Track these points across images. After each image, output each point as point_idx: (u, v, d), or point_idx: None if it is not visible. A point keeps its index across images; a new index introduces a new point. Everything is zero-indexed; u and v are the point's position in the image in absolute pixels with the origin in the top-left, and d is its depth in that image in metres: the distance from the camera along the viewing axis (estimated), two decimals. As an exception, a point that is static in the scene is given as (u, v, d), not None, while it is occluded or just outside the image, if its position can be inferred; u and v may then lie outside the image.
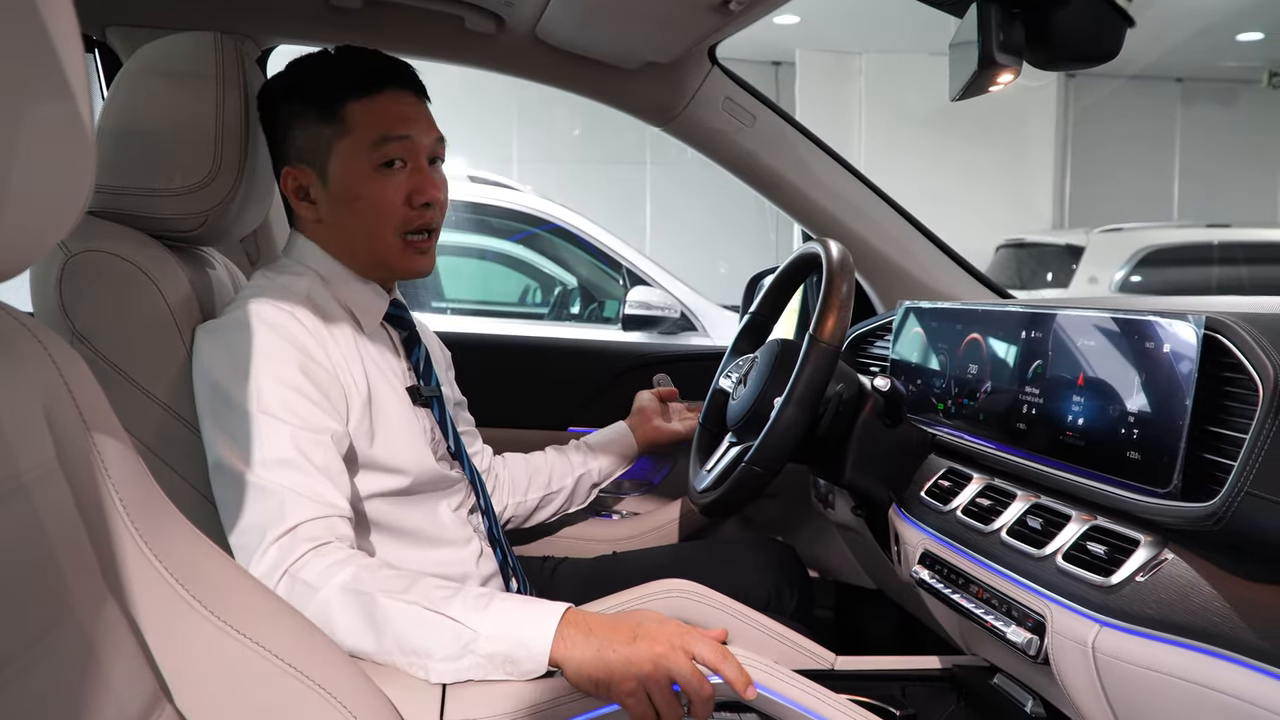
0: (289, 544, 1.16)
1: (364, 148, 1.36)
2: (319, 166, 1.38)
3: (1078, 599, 1.08)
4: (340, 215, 1.39)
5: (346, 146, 1.36)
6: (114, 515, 0.79)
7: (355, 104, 1.36)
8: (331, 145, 1.37)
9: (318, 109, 1.37)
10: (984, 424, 1.37)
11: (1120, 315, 1.11)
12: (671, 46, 1.77)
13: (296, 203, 1.41)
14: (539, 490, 1.82)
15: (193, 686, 0.82)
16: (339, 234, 1.41)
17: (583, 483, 1.88)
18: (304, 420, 1.24)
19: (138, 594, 0.80)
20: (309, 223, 1.43)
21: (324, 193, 1.39)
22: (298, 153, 1.39)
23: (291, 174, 1.40)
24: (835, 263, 1.50)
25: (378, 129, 1.36)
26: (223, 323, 1.31)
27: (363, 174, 1.37)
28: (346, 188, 1.38)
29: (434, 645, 1.09)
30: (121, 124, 1.34)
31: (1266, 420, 0.90)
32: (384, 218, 1.38)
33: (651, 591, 1.45)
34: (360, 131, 1.36)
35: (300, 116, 1.38)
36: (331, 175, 1.38)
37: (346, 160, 1.37)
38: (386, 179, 1.37)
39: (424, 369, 1.50)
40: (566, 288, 5.53)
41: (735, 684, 1.06)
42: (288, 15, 1.81)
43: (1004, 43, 1.19)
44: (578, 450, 1.90)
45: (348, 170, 1.37)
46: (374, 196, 1.37)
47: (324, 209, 1.40)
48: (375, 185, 1.37)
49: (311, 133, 1.38)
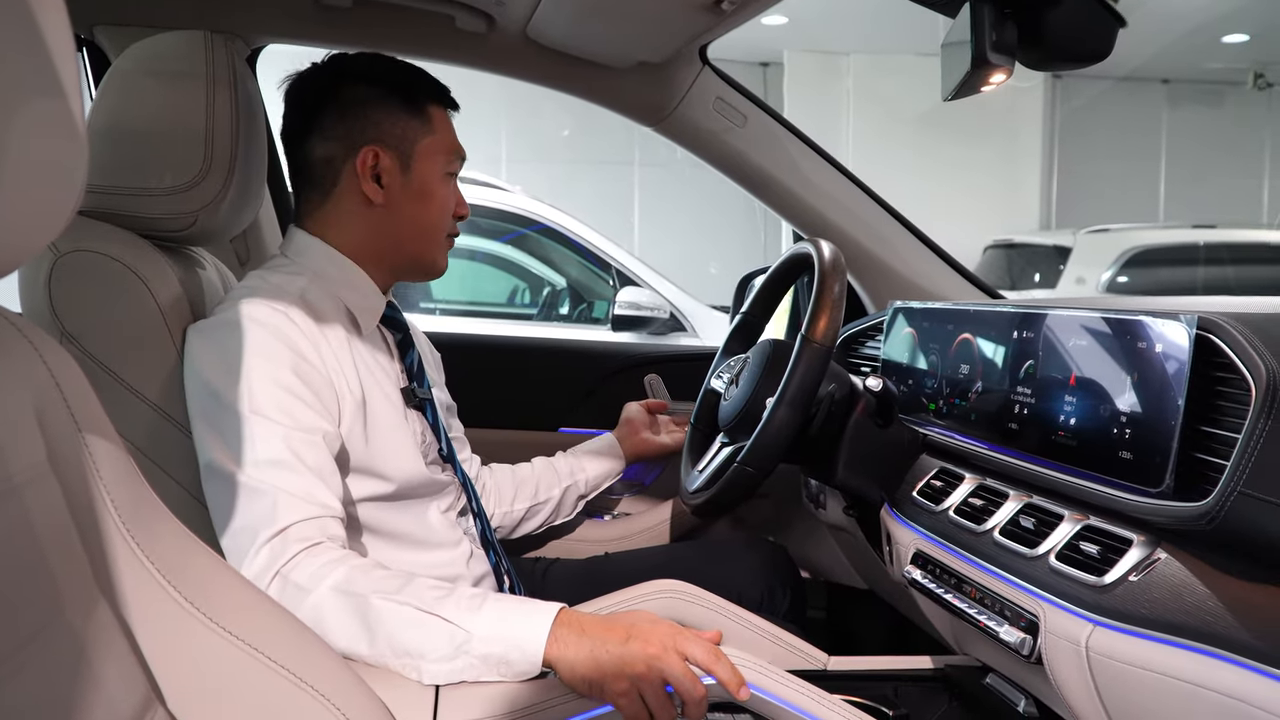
0: (280, 545, 1.16)
1: (444, 153, 1.45)
2: (404, 155, 1.41)
3: (1071, 598, 1.09)
4: (409, 204, 1.42)
5: (431, 146, 1.43)
6: (105, 517, 0.79)
7: (437, 110, 1.45)
8: (418, 140, 1.42)
9: (404, 100, 1.42)
10: (975, 424, 1.37)
11: (1112, 315, 1.11)
12: (663, 46, 1.77)
13: (365, 181, 1.40)
14: (525, 501, 1.81)
15: (184, 688, 0.82)
16: (394, 222, 1.42)
17: (569, 494, 1.87)
18: (296, 421, 1.23)
19: (130, 596, 0.80)
20: (357, 205, 1.41)
21: (400, 180, 1.41)
22: (384, 135, 1.40)
23: (375, 152, 1.40)
24: (827, 263, 1.50)
25: (452, 140, 1.47)
26: (215, 322, 1.31)
27: (439, 176, 1.45)
28: (425, 183, 1.43)
29: (427, 646, 1.09)
30: (111, 123, 1.33)
31: (1259, 420, 0.90)
32: (443, 220, 1.47)
33: (644, 592, 1.45)
34: (442, 137, 1.45)
35: (385, 101, 1.41)
36: (415, 168, 1.42)
37: (430, 159, 1.43)
38: (449, 187, 1.47)
39: (417, 372, 1.49)
40: (555, 288, 5.53)
41: (728, 685, 1.06)
42: (277, 14, 1.80)
43: (997, 43, 1.19)
44: (565, 461, 1.90)
45: (430, 168, 1.44)
46: (443, 198, 1.46)
47: (393, 195, 1.41)
48: (445, 188, 1.46)
49: (397, 120, 1.41)
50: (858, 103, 10.51)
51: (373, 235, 1.42)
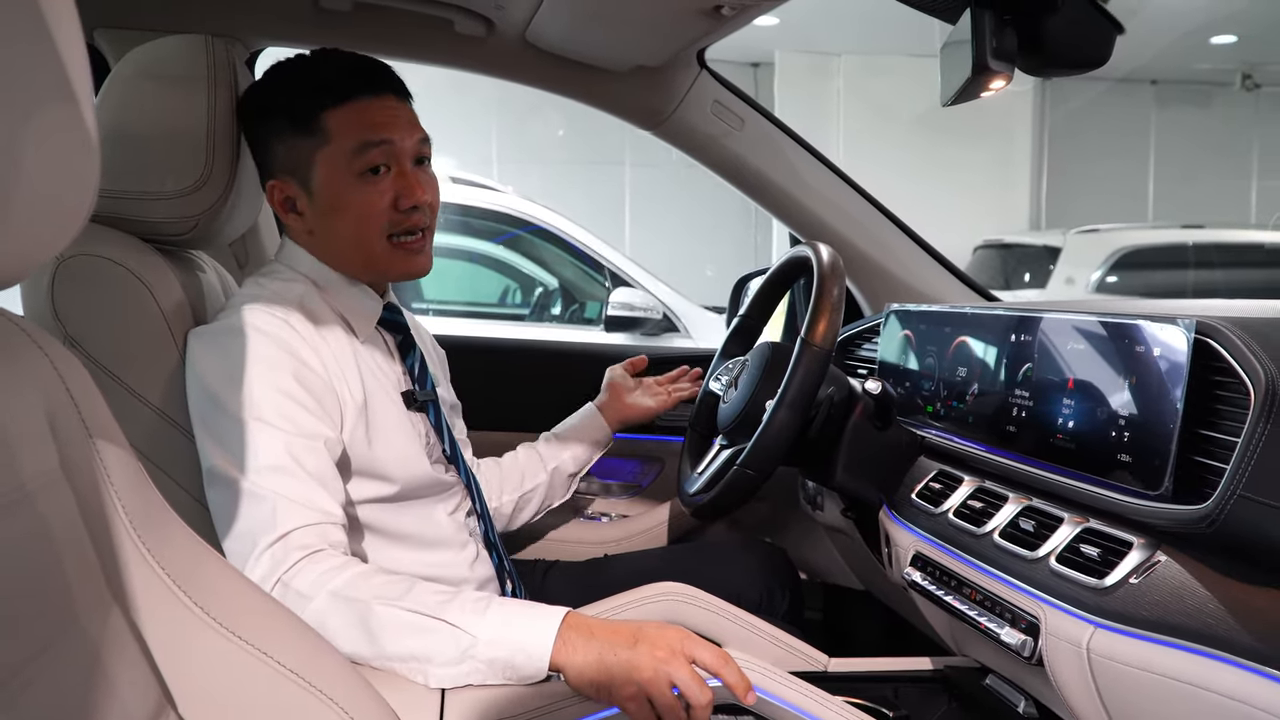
0: (281, 551, 1.16)
1: (344, 156, 1.34)
2: (302, 178, 1.37)
3: (1072, 601, 1.09)
4: (328, 225, 1.38)
5: (327, 156, 1.35)
6: (116, 522, 0.79)
7: (332, 112, 1.34)
8: (312, 157, 1.35)
9: (294, 121, 1.35)
10: (974, 426, 1.38)
11: (1110, 319, 1.12)
12: (661, 50, 1.77)
13: (285, 214, 1.40)
14: (513, 492, 1.79)
15: (196, 693, 0.82)
16: (329, 243, 1.40)
17: (558, 476, 1.83)
18: (297, 426, 1.23)
19: (141, 601, 0.80)
20: (299, 232, 1.42)
21: (310, 204, 1.38)
22: (280, 165, 1.38)
23: (277, 187, 1.39)
24: (826, 266, 1.51)
25: (356, 136, 1.34)
26: (217, 328, 1.31)
27: (346, 183, 1.35)
28: (331, 198, 1.36)
29: (433, 651, 1.09)
30: (112, 127, 1.33)
31: (1258, 424, 0.91)
32: (370, 224, 1.37)
33: (646, 595, 1.45)
34: (340, 140, 1.34)
35: (280, 130, 1.37)
36: (315, 186, 1.36)
37: (328, 170, 1.35)
38: (370, 185, 1.35)
39: (419, 373, 1.49)
40: (547, 289, 5.53)
41: (735, 688, 1.06)
42: (276, 18, 1.80)
43: (997, 50, 1.20)
44: (547, 443, 1.86)
45: (331, 180, 1.35)
46: (359, 204, 1.36)
47: (312, 219, 1.39)
48: (359, 193, 1.35)
49: (291, 145, 1.36)
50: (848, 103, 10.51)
51: (323, 253, 1.41)
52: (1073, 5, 1.20)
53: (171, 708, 0.81)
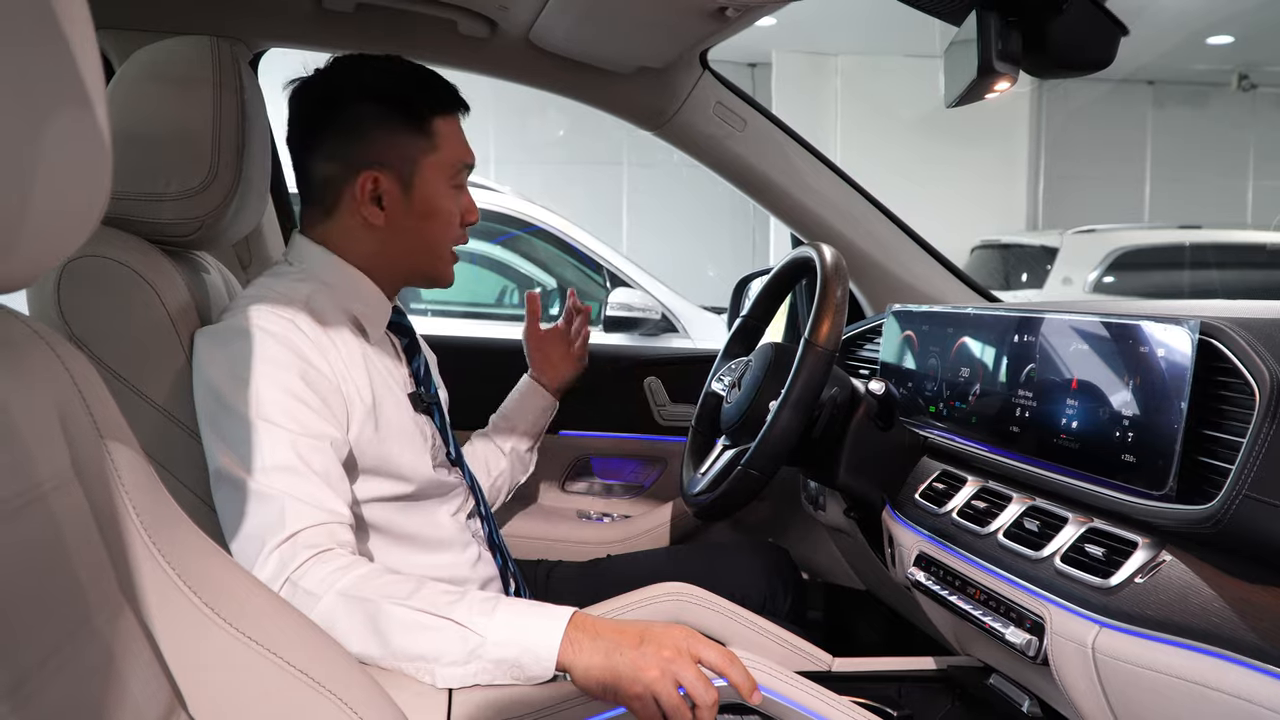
0: (290, 551, 1.16)
1: (448, 166, 1.41)
2: (404, 176, 1.39)
3: (1077, 600, 1.10)
4: (412, 225, 1.41)
5: (435, 163, 1.40)
6: (128, 523, 0.79)
7: (441, 121, 1.41)
8: (420, 159, 1.39)
9: (404, 116, 1.39)
10: (977, 426, 1.38)
11: (1112, 320, 1.12)
12: (665, 51, 1.77)
13: (364, 204, 1.38)
14: (484, 481, 1.80)
15: (207, 693, 0.82)
16: (399, 240, 1.41)
17: (515, 455, 1.87)
18: (304, 427, 1.24)
19: (152, 602, 0.80)
20: (357, 227, 1.40)
21: (402, 202, 1.39)
22: (378, 155, 1.38)
23: (374, 176, 1.38)
24: (829, 267, 1.52)
25: (459, 150, 1.43)
26: (223, 328, 1.31)
27: (443, 190, 1.42)
28: (429, 201, 1.41)
29: (440, 650, 1.09)
30: (118, 129, 1.32)
31: (1264, 425, 0.91)
32: (449, 232, 1.44)
33: (651, 595, 1.46)
34: (446, 150, 1.41)
35: (386, 119, 1.38)
36: (417, 187, 1.40)
37: (433, 175, 1.40)
38: (456, 198, 1.44)
39: (424, 375, 1.50)
40: (546, 289, 5.53)
41: (741, 688, 1.07)
42: (280, 18, 1.80)
43: (1002, 52, 1.21)
44: (497, 428, 1.89)
45: (433, 185, 1.41)
46: (449, 213, 1.43)
47: (395, 215, 1.39)
48: (449, 202, 1.43)
49: (399, 141, 1.38)
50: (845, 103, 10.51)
51: (376, 251, 1.42)
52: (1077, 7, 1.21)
53: (182, 707, 0.81)
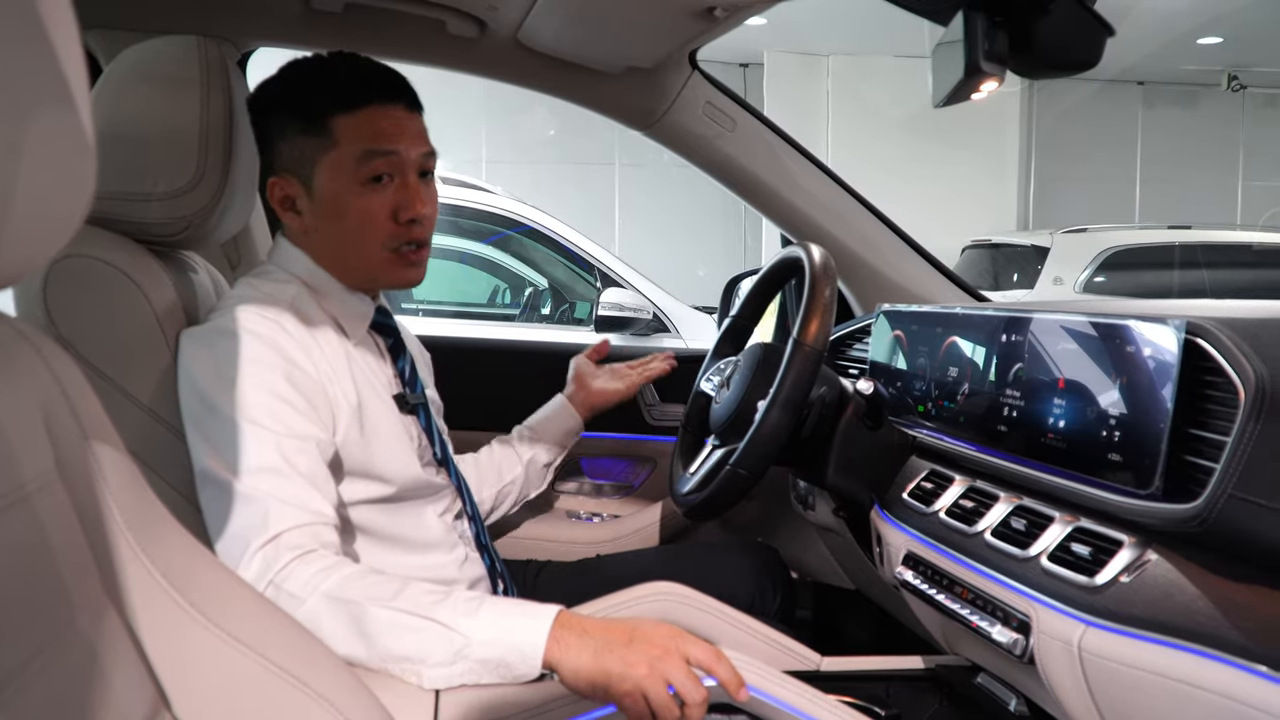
0: (273, 552, 1.15)
1: (349, 162, 1.34)
2: (305, 178, 1.37)
3: (1063, 599, 1.10)
4: (326, 228, 1.39)
5: (332, 160, 1.35)
6: (112, 524, 0.79)
7: (341, 117, 1.35)
8: (317, 158, 1.35)
9: (303, 121, 1.36)
10: (965, 426, 1.38)
11: (1100, 319, 1.12)
12: (654, 51, 1.77)
13: (283, 213, 1.40)
14: (491, 487, 1.80)
15: (191, 695, 0.82)
16: (326, 245, 1.40)
17: (533, 467, 1.85)
18: (289, 428, 1.23)
19: (137, 603, 0.80)
20: (295, 232, 1.42)
21: (310, 205, 1.38)
22: (284, 163, 1.38)
23: (278, 184, 1.39)
24: (818, 267, 1.52)
25: (363, 144, 1.34)
26: (209, 329, 1.31)
27: (349, 188, 1.35)
28: (332, 202, 1.36)
29: (426, 651, 1.09)
30: (104, 128, 1.32)
31: (1248, 424, 0.91)
32: (370, 233, 1.37)
33: (639, 595, 1.45)
34: (346, 145, 1.34)
35: (286, 127, 1.37)
36: (317, 188, 1.37)
37: (332, 174, 1.35)
38: (372, 194, 1.36)
39: (410, 376, 1.50)
40: (537, 289, 5.52)
41: (729, 686, 1.06)
42: (268, 18, 1.79)
43: (989, 52, 1.21)
44: (521, 437, 1.87)
45: (334, 184, 1.36)
46: (360, 212, 1.36)
47: (310, 220, 1.39)
48: (361, 200, 1.36)
49: (297, 144, 1.36)
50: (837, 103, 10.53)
51: (319, 255, 1.41)
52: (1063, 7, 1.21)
53: (166, 708, 0.80)
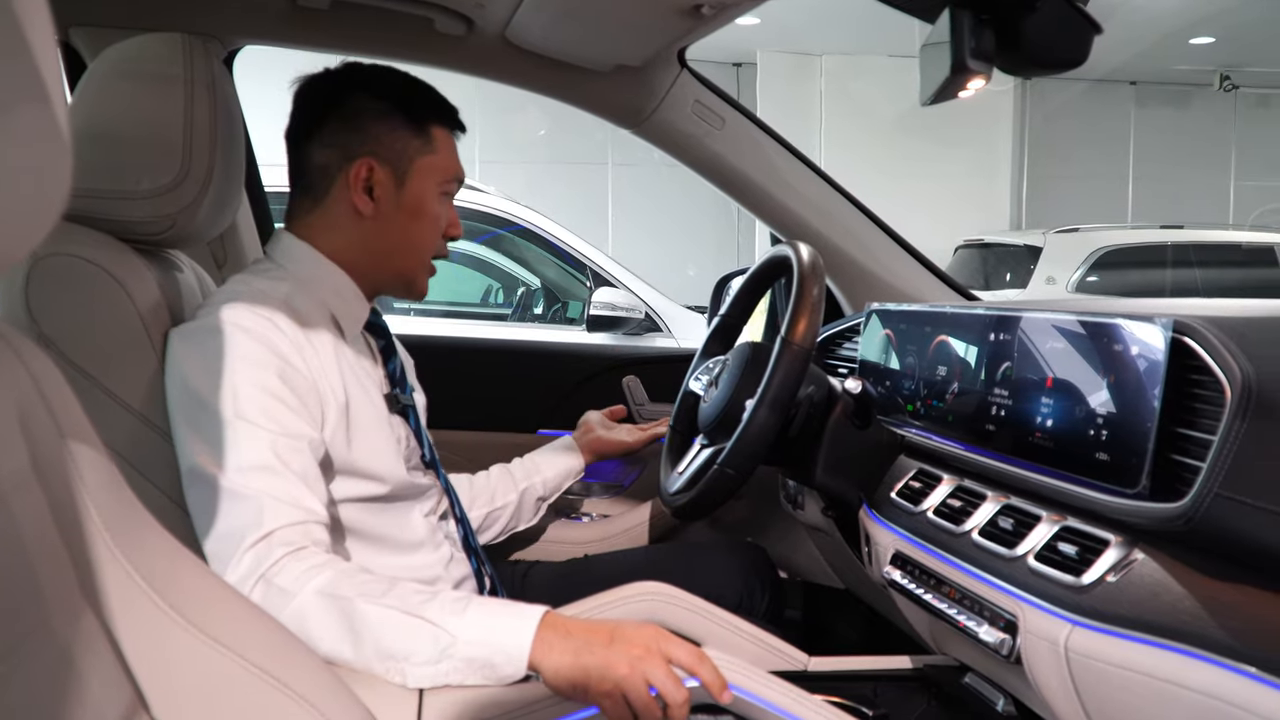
0: (265, 549, 1.15)
1: (441, 173, 1.45)
2: (399, 169, 1.41)
3: (1049, 599, 1.10)
4: (398, 221, 1.42)
5: (429, 164, 1.43)
6: (90, 524, 0.78)
7: (440, 130, 1.45)
8: (416, 157, 1.42)
9: (408, 117, 1.42)
10: (953, 425, 1.38)
11: (1088, 318, 1.12)
12: (642, 49, 1.77)
13: (355, 193, 1.40)
14: (482, 508, 1.79)
15: (170, 696, 0.81)
16: (383, 236, 1.42)
17: (527, 497, 1.85)
18: (281, 426, 1.23)
19: (114, 604, 0.79)
20: (346, 215, 1.41)
21: (393, 195, 1.41)
22: (380, 147, 1.40)
23: (370, 164, 1.39)
24: (806, 265, 1.51)
25: (453, 164, 1.47)
26: (198, 327, 1.30)
27: (433, 194, 1.44)
28: (419, 201, 1.43)
29: (412, 649, 1.08)
30: (88, 126, 1.32)
31: (1234, 422, 0.91)
32: (432, 238, 1.46)
33: (624, 595, 1.45)
34: (442, 157, 1.45)
35: (388, 116, 1.41)
36: (409, 184, 1.42)
37: (425, 177, 1.43)
38: (443, 207, 1.47)
39: (400, 377, 1.49)
40: (530, 289, 5.52)
41: (711, 687, 1.06)
42: (255, 16, 1.79)
43: (975, 49, 1.20)
44: (521, 466, 1.88)
45: (425, 186, 1.43)
46: (434, 218, 1.45)
47: (384, 209, 1.41)
48: (437, 208, 1.45)
49: (401, 136, 1.41)
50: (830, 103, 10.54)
51: (359, 246, 1.42)
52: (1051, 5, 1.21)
53: (144, 710, 0.80)
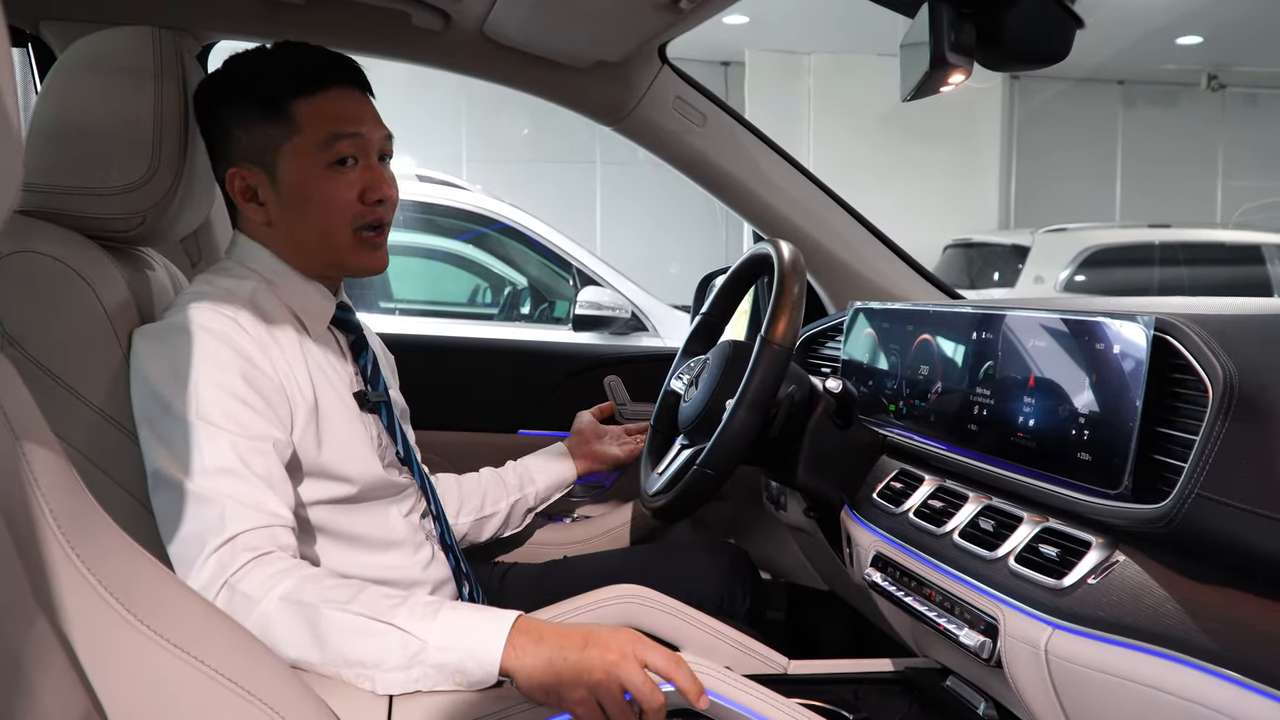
0: (229, 554, 1.13)
1: (314, 146, 1.33)
2: (267, 166, 1.34)
3: (1030, 601, 1.08)
4: (292, 216, 1.36)
5: (296, 146, 1.33)
6: (44, 527, 0.76)
7: (302, 101, 1.33)
8: (280, 145, 1.33)
9: (263, 107, 1.33)
10: (935, 425, 1.37)
11: (1070, 316, 1.11)
12: (621, 44, 1.75)
13: (244, 204, 1.37)
14: (471, 515, 1.77)
15: (126, 703, 0.79)
16: (290, 235, 1.37)
17: (518, 508, 1.83)
18: (244, 428, 1.21)
19: (69, 608, 0.77)
20: (257, 224, 1.38)
21: (274, 194, 1.35)
22: (243, 153, 1.35)
23: (239, 175, 1.35)
24: (786, 263, 1.50)
25: (328, 127, 1.33)
26: (162, 327, 1.28)
27: (314, 173, 1.34)
28: (298, 188, 1.34)
29: (381, 656, 1.06)
30: (56, 120, 1.30)
31: (1216, 422, 0.90)
32: (337, 216, 1.35)
33: (602, 598, 1.43)
34: (310, 130, 1.33)
35: (244, 116, 1.34)
36: (281, 176, 1.34)
37: (296, 160, 1.34)
38: (339, 177, 1.34)
39: (371, 374, 1.47)
40: (516, 288, 5.50)
41: (687, 692, 1.04)
42: (228, 10, 1.76)
43: (955, 43, 1.19)
44: (514, 473, 1.85)
45: (299, 170, 1.34)
46: (327, 195, 1.34)
47: (274, 210, 1.36)
48: (328, 184, 1.34)
49: (257, 132, 1.34)
50: (819, 102, 10.55)
51: (281, 247, 1.38)
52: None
53: (101, 718, 0.78)
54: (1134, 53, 10.28)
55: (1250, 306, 1.15)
